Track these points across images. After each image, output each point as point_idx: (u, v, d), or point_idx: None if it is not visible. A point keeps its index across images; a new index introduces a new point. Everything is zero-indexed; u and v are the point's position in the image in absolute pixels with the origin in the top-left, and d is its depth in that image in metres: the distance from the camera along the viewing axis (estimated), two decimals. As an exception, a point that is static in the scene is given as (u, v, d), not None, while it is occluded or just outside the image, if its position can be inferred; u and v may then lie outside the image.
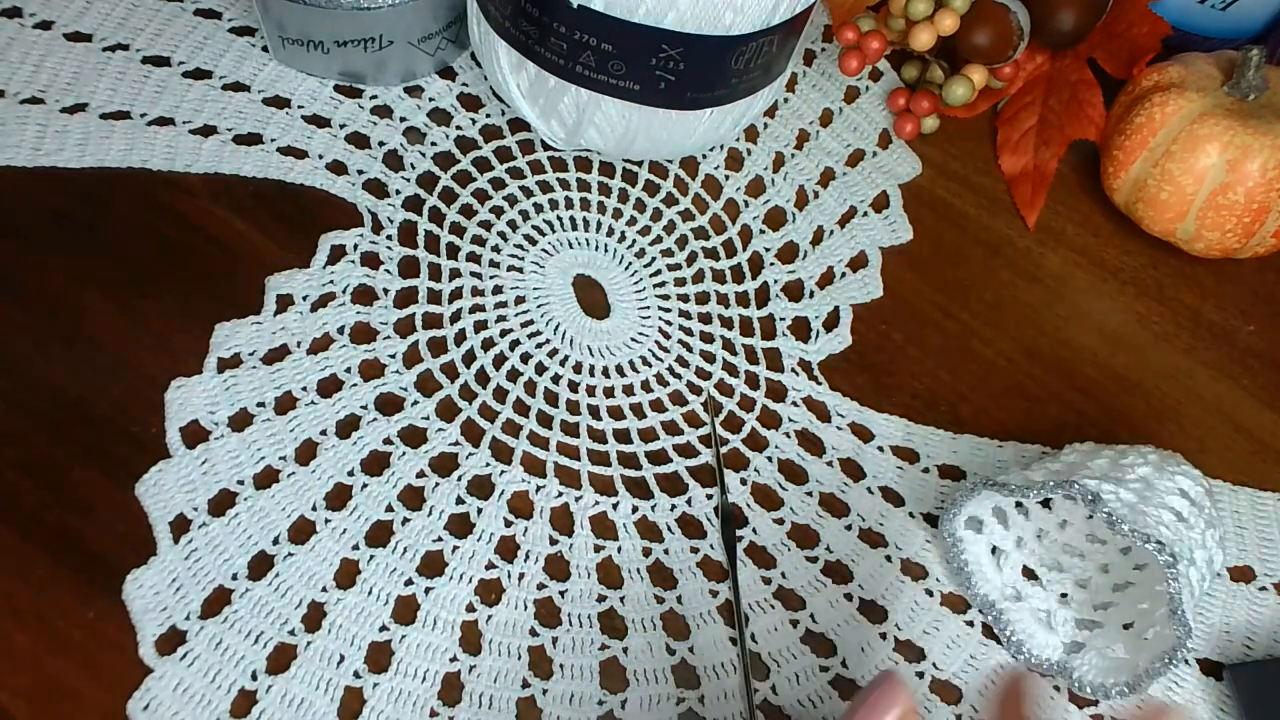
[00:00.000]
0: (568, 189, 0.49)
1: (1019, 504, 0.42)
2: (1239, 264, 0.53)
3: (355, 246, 0.45)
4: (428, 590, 0.38)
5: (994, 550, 0.42)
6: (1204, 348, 0.50)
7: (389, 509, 0.40)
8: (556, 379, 0.44)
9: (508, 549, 0.40)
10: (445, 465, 0.41)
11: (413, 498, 0.40)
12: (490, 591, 0.39)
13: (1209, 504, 0.40)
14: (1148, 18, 0.54)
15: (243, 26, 0.50)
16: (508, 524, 0.40)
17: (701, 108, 0.45)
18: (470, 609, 0.38)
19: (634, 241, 0.48)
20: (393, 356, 0.43)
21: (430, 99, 0.50)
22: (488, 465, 0.41)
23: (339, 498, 0.39)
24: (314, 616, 0.37)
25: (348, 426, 0.41)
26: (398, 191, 0.47)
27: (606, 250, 0.48)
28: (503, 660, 0.37)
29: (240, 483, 0.39)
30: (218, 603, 0.37)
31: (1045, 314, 0.50)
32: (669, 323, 0.47)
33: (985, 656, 0.41)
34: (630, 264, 0.48)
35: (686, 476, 0.43)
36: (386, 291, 0.44)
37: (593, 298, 0.47)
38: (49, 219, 0.43)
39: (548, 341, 0.45)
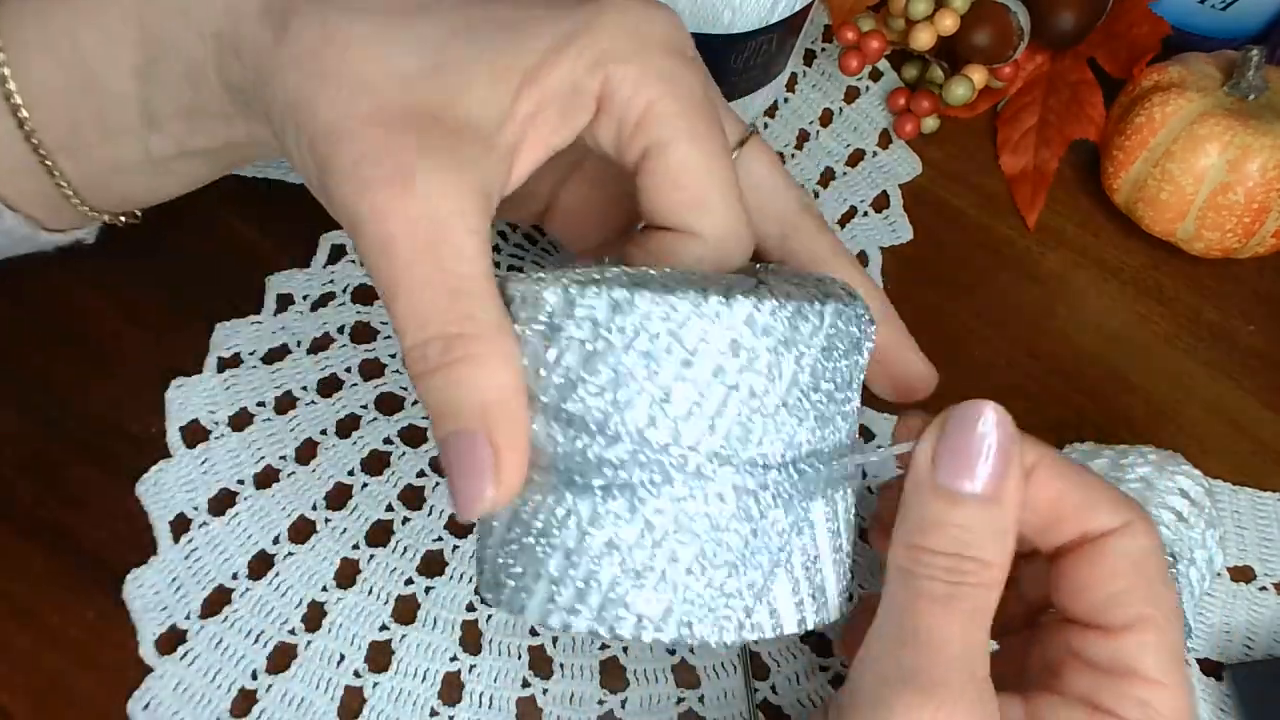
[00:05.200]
0: (568, 189, 0.49)
1: (1019, 504, 0.42)
2: (1239, 264, 0.53)
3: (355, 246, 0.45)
4: (428, 590, 0.38)
5: (994, 550, 0.41)
6: (1204, 348, 0.50)
7: (389, 508, 0.40)
8: (557, 379, 0.44)
9: (508, 548, 0.40)
10: (445, 465, 0.41)
11: (413, 497, 0.40)
12: (490, 591, 0.39)
13: (1209, 504, 0.40)
14: (1148, 18, 0.54)
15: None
16: (508, 523, 0.40)
17: (702, 107, 0.45)
18: (470, 608, 0.38)
19: (634, 241, 0.48)
20: (393, 356, 0.43)
21: (430, 99, 0.50)
22: (488, 465, 0.41)
23: (339, 497, 0.39)
24: (314, 616, 0.37)
25: (348, 426, 0.41)
26: (398, 191, 0.47)
27: (607, 250, 0.48)
28: (503, 660, 0.37)
29: (240, 482, 0.39)
30: (218, 602, 0.37)
31: (1045, 314, 0.50)
32: (669, 322, 0.46)
33: (985, 656, 0.41)
34: (630, 264, 0.48)
35: (687, 476, 0.42)
36: (386, 291, 0.44)
37: (593, 297, 0.46)
38: (49, 218, 0.43)
39: (548, 341, 0.45)
